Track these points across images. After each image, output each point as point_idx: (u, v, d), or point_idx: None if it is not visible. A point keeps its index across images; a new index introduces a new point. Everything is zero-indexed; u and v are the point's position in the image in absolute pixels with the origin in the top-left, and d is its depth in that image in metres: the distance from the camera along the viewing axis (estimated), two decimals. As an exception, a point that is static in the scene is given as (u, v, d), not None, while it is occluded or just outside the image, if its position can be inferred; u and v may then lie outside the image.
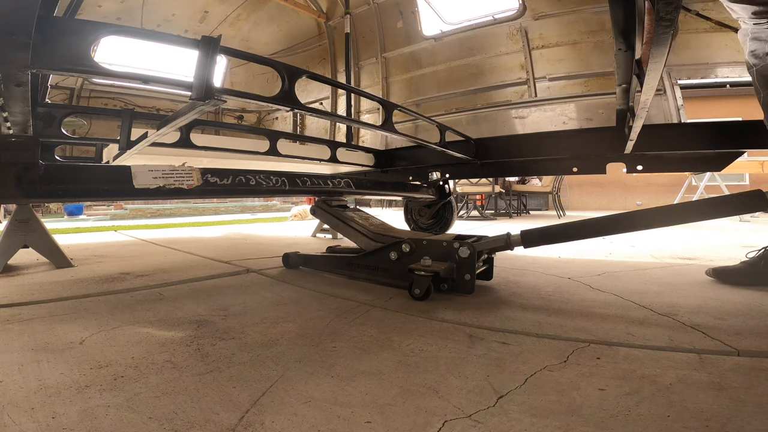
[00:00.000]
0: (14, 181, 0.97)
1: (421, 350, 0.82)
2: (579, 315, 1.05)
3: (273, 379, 0.69)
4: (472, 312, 1.08)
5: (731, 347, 0.79)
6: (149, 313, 1.10)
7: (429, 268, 1.21)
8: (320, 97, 4.26)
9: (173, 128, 1.23)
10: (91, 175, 1.15)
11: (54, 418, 0.55)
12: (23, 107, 0.95)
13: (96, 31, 0.79)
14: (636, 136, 1.29)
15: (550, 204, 8.55)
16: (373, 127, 1.63)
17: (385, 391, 0.65)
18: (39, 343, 0.85)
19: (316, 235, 3.28)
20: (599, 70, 2.58)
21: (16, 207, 1.80)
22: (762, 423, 0.54)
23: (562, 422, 0.55)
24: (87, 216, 7.00)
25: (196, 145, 1.98)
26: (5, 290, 1.34)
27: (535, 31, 2.84)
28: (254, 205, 9.92)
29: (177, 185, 1.21)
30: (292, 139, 2.70)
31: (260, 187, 1.45)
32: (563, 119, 2.26)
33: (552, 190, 6.50)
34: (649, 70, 0.76)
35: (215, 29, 4.35)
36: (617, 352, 0.80)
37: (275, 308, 1.14)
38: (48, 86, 1.94)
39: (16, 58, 0.70)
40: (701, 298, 1.19)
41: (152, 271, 1.69)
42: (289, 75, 1.10)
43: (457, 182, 5.98)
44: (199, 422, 0.55)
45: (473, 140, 2.37)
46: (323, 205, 1.86)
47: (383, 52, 3.74)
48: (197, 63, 0.89)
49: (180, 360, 0.77)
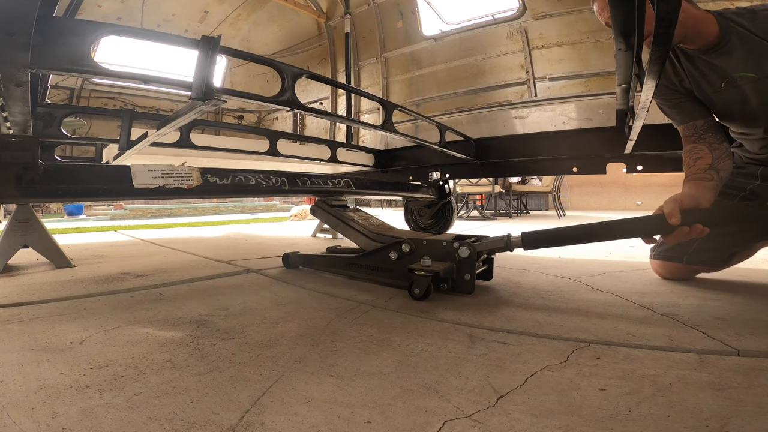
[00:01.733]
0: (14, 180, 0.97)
1: (421, 350, 0.82)
2: (579, 315, 1.05)
3: (273, 379, 0.69)
4: (472, 312, 1.08)
5: (731, 347, 0.79)
6: (149, 313, 1.10)
7: (429, 268, 1.21)
8: (320, 97, 4.26)
9: (173, 128, 1.23)
10: (91, 175, 1.15)
11: (54, 418, 0.55)
12: (23, 107, 0.95)
13: (96, 31, 0.79)
14: (636, 136, 1.29)
15: (550, 204, 8.55)
16: (373, 127, 1.63)
17: (385, 391, 0.65)
18: (39, 343, 0.85)
19: (316, 235, 3.28)
20: (599, 70, 2.58)
21: (16, 207, 1.80)
22: (762, 423, 0.54)
23: (562, 422, 0.55)
24: (87, 216, 7.01)
25: (196, 145, 1.98)
26: (5, 290, 1.34)
27: (535, 31, 2.84)
28: (254, 205, 9.93)
29: (177, 185, 1.21)
30: (292, 139, 2.70)
31: (260, 186, 1.45)
32: (563, 119, 2.26)
33: (552, 190, 6.50)
34: (649, 70, 0.76)
35: (215, 29, 4.35)
36: (617, 352, 0.80)
37: (275, 308, 1.14)
38: (48, 86, 1.94)
39: (16, 58, 0.70)
40: (701, 298, 1.19)
41: (152, 271, 1.69)
42: (289, 75, 1.10)
43: (457, 182, 5.98)
44: (199, 422, 0.55)
45: (473, 140, 2.37)
46: (323, 205, 1.86)
47: (383, 52, 3.74)
48: (197, 63, 0.88)
49: (180, 360, 0.77)
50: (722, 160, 1.21)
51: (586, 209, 9.49)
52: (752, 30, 1.09)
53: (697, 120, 1.27)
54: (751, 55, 1.10)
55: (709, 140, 1.25)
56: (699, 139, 1.26)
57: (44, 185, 1.01)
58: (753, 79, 1.12)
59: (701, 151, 1.23)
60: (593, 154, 2.12)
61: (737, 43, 1.11)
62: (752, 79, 1.12)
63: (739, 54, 1.11)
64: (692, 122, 1.28)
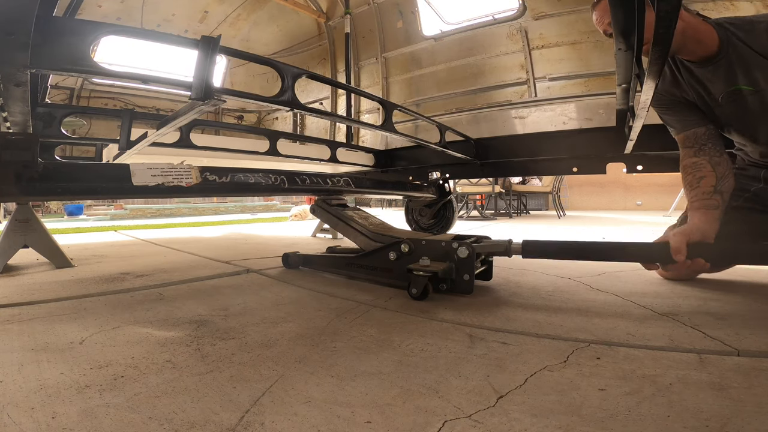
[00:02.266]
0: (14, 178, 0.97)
1: (421, 350, 0.82)
2: (579, 315, 1.05)
3: (273, 379, 0.69)
4: (471, 312, 1.08)
5: (731, 347, 0.79)
6: (149, 313, 1.10)
7: (427, 268, 1.21)
8: (320, 97, 4.27)
9: (173, 128, 1.23)
10: (90, 173, 1.14)
11: (54, 418, 0.55)
12: (23, 107, 0.95)
13: (96, 31, 0.79)
14: (636, 136, 1.29)
15: (550, 204, 8.55)
16: (373, 127, 1.63)
17: (385, 391, 0.65)
18: (39, 343, 0.85)
19: (316, 235, 3.28)
20: (599, 70, 2.58)
21: (16, 207, 1.80)
22: (762, 423, 0.54)
23: (562, 422, 0.55)
24: (87, 216, 7.01)
25: (195, 145, 1.98)
26: (5, 290, 1.34)
27: (535, 31, 2.84)
28: (254, 205, 9.93)
29: (176, 183, 1.21)
30: (292, 139, 2.70)
31: (259, 185, 1.45)
32: (563, 119, 2.26)
33: (552, 190, 6.50)
34: (649, 70, 0.76)
35: (215, 29, 4.35)
36: (617, 352, 0.80)
37: (275, 308, 1.14)
38: (48, 86, 1.94)
39: (16, 58, 0.70)
40: (701, 298, 1.19)
41: (152, 271, 1.69)
42: (289, 75, 1.10)
43: (457, 182, 5.98)
44: (199, 422, 0.55)
45: (473, 140, 2.37)
46: (323, 204, 1.86)
47: (383, 52, 3.75)
48: (197, 63, 0.89)
49: (180, 360, 0.77)
50: (726, 179, 1.20)
51: (586, 209, 9.50)
52: (747, 42, 1.09)
53: (698, 128, 1.26)
54: (747, 68, 1.10)
55: (710, 152, 1.23)
56: (699, 151, 1.24)
57: (44, 183, 1.01)
58: (751, 92, 1.12)
59: (704, 168, 1.22)
60: (593, 154, 2.12)
61: (734, 56, 1.11)
62: (750, 92, 1.12)
63: (736, 67, 1.11)
64: (692, 130, 1.26)
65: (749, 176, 1.34)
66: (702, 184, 1.20)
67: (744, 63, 1.10)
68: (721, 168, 1.21)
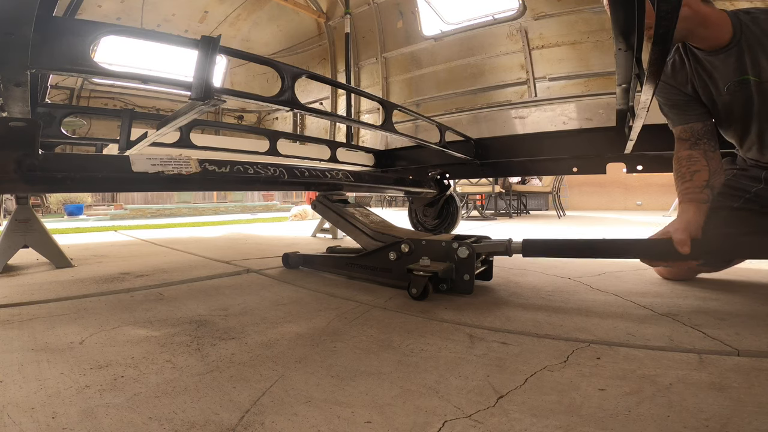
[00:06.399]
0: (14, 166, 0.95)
1: (421, 350, 0.82)
2: (579, 315, 1.05)
3: (273, 379, 0.69)
4: (472, 312, 1.08)
5: (731, 347, 0.79)
6: (149, 313, 1.10)
7: (427, 268, 1.21)
8: (320, 97, 4.26)
9: (173, 128, 1.23)
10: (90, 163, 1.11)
11: (54, 418, 0.55)
12: (23, 107, 0.95)
13: (96, 30, 0.79)
14: (636, 136, 1.29)
15: (550, 204, 8.55)
16: (373, 127, 1.63)
17: (385, 391, 0.65)
18: (39, 343, 0.85)
19: (316, 235, 3.28)
20: (599, 70, 2.58)
21: (16, 207, 1.80)
22: (762, 423, 0.54)
23: (562, 422, 0.55)
24: (87, 216, 7.01)
25: (195, 145, 1.98)
26: (5, 290, 1.34)
27: (535, 31, 2.84)
28: (254, 205, 9.94)
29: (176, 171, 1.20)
30: (292, 139, 2.71)
31: (258, 176, 1.43)
32: (563, 119, 2.26)
33: (552, 190, 6.50)
34: (649, 71, 0.76)
35: (215, 29, 4.35)
36: (617, 352, 0.80)
37: (275, 308, 1.14)
38: (48, 86, 1.94)
39: (16, 58, 0.70)
40: (701, 298, 1.19)
41: (152, 271, 1.69)
42: (289, 75, 1.10)
43: (457, 182, 5.98)
44: (199, 422, 0.55)
45: (473, 140, 2.37)
46: (324, 200, 1.85)
47: (383, 52, 3.74)
48: (197, 63, 0.89)
49: (180, 360, 0.77)
50: (717, 175, 1.23)
51: (586, 209, 9.50)
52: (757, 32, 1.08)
53: (696, 123, 1.27)
54: (756, 57, 1.09)
55: (704, 147, 1.25)
56: (695, 145, 1.26)
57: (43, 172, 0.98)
58: (757, 82, 1.11)
59: (698, 162, 1.23)
60: (593, 154, 2.12)
61: (745, 45, 1.10)
62: (756, 83, 1.11)
63: (747, 56, 1.11)
64: (690, 124, 1.27)
65: (750, 177, 1.34)
66: (695, 178, 1.22)
67: (754, 52, 1.09)
68: (714, 163, 1.23)
